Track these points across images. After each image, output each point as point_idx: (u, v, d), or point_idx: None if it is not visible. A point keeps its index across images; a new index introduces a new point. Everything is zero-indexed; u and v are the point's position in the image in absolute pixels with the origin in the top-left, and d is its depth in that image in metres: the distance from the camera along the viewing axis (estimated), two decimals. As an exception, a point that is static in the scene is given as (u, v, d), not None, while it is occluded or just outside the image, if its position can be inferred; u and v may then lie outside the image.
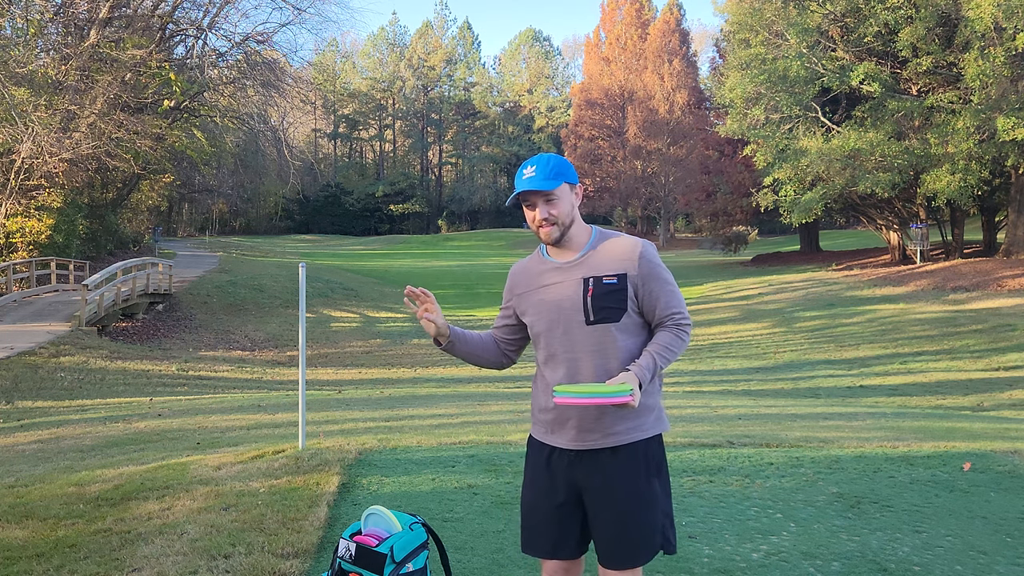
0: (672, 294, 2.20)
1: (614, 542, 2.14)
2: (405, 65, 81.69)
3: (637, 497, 2.13)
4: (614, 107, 58.47)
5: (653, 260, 2.19)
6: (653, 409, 2.20)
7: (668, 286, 2.20)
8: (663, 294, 2.19)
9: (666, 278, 2.20)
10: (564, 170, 2.21)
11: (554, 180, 2.18)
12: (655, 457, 2.19)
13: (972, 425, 7.53)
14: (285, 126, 51.50)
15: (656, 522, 2.15)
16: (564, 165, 2.22)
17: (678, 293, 2.23)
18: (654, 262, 2.19)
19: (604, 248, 2.23)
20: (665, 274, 2.21)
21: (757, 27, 28.70)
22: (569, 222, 2.21)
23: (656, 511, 2.15)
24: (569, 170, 2.24)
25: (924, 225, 30.55)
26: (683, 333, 2.18)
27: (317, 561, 3.27)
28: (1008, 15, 21.53)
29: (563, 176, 2.20)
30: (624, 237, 2.25)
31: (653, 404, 2.20)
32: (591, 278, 2.18)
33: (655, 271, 2.18)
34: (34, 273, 21.54)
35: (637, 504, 2.13)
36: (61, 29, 25.79)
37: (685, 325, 2.19)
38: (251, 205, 67.81)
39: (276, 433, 6.80)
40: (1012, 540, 3.62)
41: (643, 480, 2.15)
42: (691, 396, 11.57)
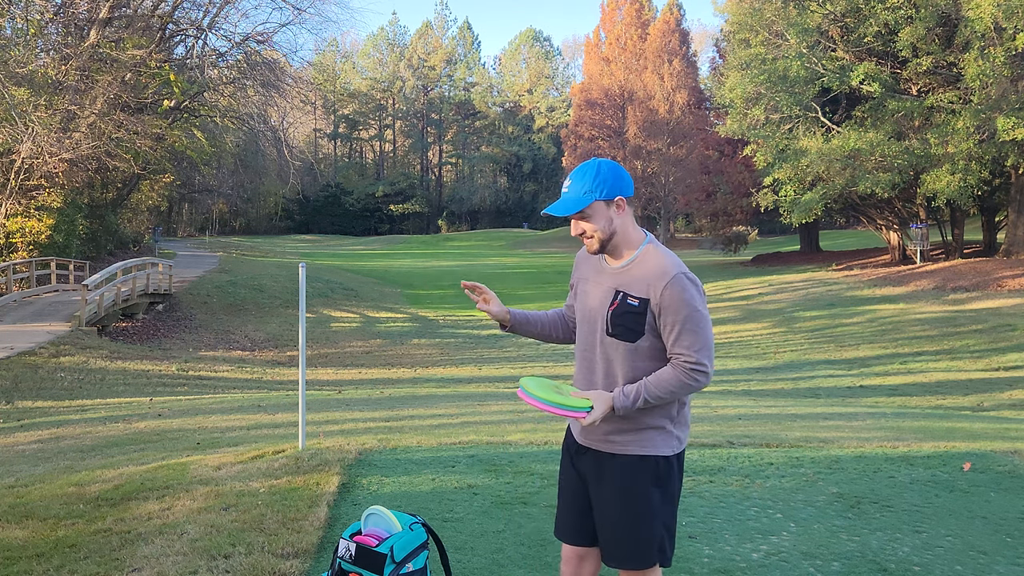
0: (690, 333, 2.09)
1: (609, 543, 2.22)
2: (405, 65, 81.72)
3: (631, 507, 2.16)
4: (614, 107, 58.45)
5: (678, 295, 2.08)
6: (660, 430, 2.19)
7: (688, 324, 2.09)
8: (677, 331, 2.10)
9: (688, 315, 2.08)
10: (598, 186, 2.16)
11: (582, 199, 2.16)
12: (657, 473, 2.17)
13: (972, 425, 7.53)
14: (285, 126, 51.50)
15: (651, 534, 2.16)
16: (600, 181, 2.16)
17: (701, 334, 2.09)
18: (678, 297, 2.08)
19: (643, 264, 2.18)
20: (688, 311, 2.08)
21: (757, 27, 28.70)
22: (608, 235, 2.20)
23: (652, 523, 2.16)
24: (605, 185, 2.16)
25: (924, 225, 30.55)
26: (687, 376, 2.10)
27: (317, 561, 3.27)
28: (1008, 15, 21.53)
29: (594, 194, 2.16)
30: (663, 259, 2.16)
31: (661, 425, 2.18)
32: (620, 293, 2.17)
33: (676, 306, 2.09)
34: (34, 273, 21.54)
35: (630, 514, 2.16)
36: (61, 29, 25.79)
37: (692, 369, 2.09)
38: (251, 205, 67.83)
39: (276, 433, 6.80)
40: (1012, 540, 3.62)
41: (639, 492, 2.16)
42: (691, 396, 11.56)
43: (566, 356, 18.39)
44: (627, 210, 2.21)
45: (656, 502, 2.17)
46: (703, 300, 2.13)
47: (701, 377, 2.11)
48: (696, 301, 2.11)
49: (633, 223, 2.24)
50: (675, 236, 61.50)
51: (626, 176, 2.21)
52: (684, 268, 2.14)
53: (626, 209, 2.21)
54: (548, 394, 2.17)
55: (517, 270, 39.20)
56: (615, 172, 2.19)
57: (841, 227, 55.48)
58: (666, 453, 2.18)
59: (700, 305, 2.11)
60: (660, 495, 2.17)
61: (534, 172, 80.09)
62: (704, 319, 2.11)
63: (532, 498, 4.18)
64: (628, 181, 2.20)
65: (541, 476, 4.59)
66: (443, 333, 22.37)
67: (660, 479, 2.17)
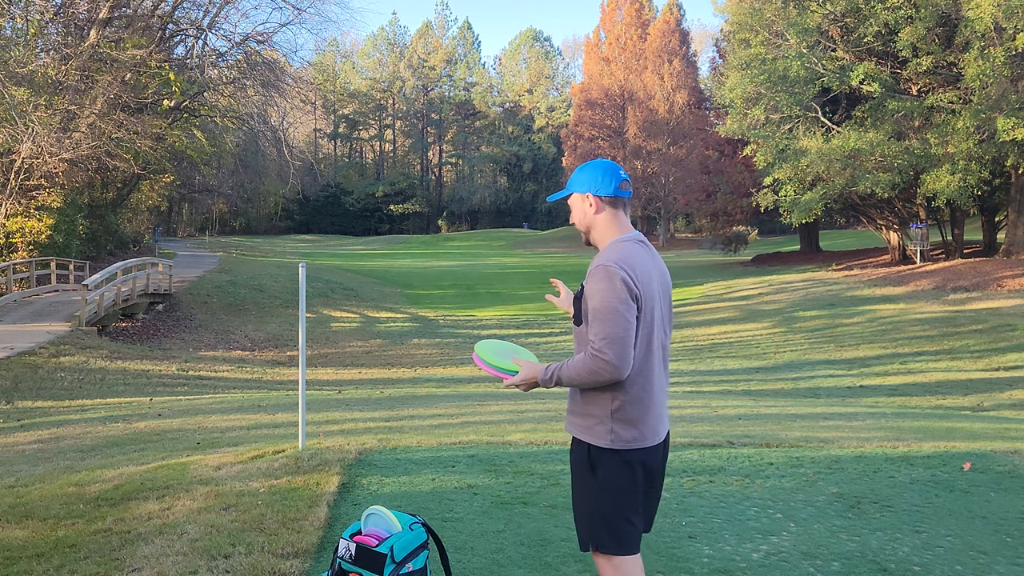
0: (597, 322, 2.19)
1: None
2: (405, 65, 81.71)
3: (576, 486, 2.35)
4: (614, 107, 58.45)
5: (593, 285, 2.22)
6: (593, 418, 2.28)
7: (597, 314, 2.20)
8: (589, 319, 2.23)
9: (596, 306, 2.20)
10: (574, 180, 2.38)
11: (563, 191, 2.42)
12: (589, 459, 2.28)
13: (972, 425, 7.53)
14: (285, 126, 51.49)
15: (584, 517, 2.30)
16: (580, 177, 2.38)
17: (601, 321, 2.18)
18: (593, 287, 2.22)
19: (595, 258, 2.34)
20: (597, 302, 2.20)
21: (757, 27, 28.70)
22: (585, 228, 2.40)
23: (585, 507, 2.30)
24: (579, 180, 2.38)
25: (924, 225, 30.55)
26: (592, 362, 2.18)
27: (317, 561, 3.27)
28: (1008, 15, 21.53)
29: (571, 187, 2.39)
30: (605, 253, 2.29)
31: (599, 414, 2.27)
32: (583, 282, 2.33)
33: (590, 295, 2.22)
34: (34, 273, 21.54)
35: (575, 492, 2.35)
36: (61, 29, 25.78)
37: (593, 356, 2.18)
38: (251, 205, 67.82)
39: (276, 433, 6.80)
40: (1012, 540, 3.62)
41: (579, 474, 2.32)
42: (691, 396, 11.57)
43: (567, 357, 18.39)
44: (601, 208, 2.35)
45: (588, 487, 2.28)
46: (616, 293, 2.18)
47: (603, 366, 2.17)
48: (607, 293, 2.18)
49: (612, 222, 2.35)
50: (675, 236, 61.48)
51: (607, 176, 2.33)
52: (612, 261, 2.22)
53: (599, 207, 2.35)
54: (489, 356, 2.44)
55: (517, 270, 39.20)
56: (595, 171, 2.35)
57: (841, 227, 55.49)
58: (598, 444, 2.26)
59: (611, 297, 2.18)
60: (592, 482, 2.27)
61: (534, 172, 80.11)
62: (610, 311, 2.17)
63: (532, 498, 4.18)
64: (607, 181, 2.33)
65: (541, 476, 4.59)
66: (443, 333, 22.38)
67: (592, 466, 2.28)
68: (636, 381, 2.24)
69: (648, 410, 2.27)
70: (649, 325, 2.26)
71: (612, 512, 2.26)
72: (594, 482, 2.27)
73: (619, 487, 2.26)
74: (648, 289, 2.26)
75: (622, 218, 2.37)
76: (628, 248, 2.29)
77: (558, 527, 3.76)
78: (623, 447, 2.25)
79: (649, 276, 2.28)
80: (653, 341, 2.28)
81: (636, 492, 2.28)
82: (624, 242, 2.31)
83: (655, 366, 2.30)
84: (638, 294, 2.21)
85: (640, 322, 2.23)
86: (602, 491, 2.26)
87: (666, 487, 4.42)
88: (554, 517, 3.90)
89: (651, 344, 2.27)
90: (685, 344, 19.86)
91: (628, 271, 2.21)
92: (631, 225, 2.39)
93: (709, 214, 46.42)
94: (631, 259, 2.25)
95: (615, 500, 2.26)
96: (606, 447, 2.25)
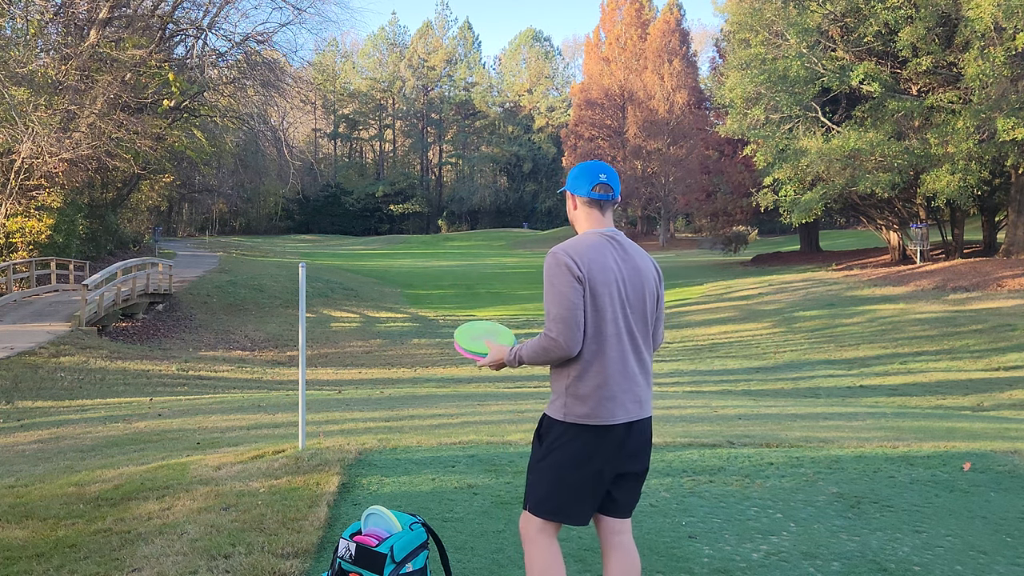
0: (545, 299, 2.41)
1: None
2: (405, 65, 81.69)
3: (532, 452, 2.54)
4: (614, 107, 58.44)
5: (545, 270, 2.42)
6: (556, 393, 2.46)
7: (545, 292, 2.41)
8: (544, 297, 2.43)
9: (545, 289, 2.41)
10: (568, 178, 2.58)
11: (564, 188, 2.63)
12: (542, 430, 2.49)
13: (972, 425, 7.53)
14: (285, 126, 51.47)
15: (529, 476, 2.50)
16: (570, 174, 2.58)
17: (550, 300, 2.37)
18: (545, 271, 2.42)
19: None
20: (546, 284, 2.40)
21: (757, 27, 28.68)
22: (572, 222, 2.62)
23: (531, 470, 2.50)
24: (569, 178, 2.58)
25: (924, 225, 30.55)
26: (542, 339, 2.38)
27: (317, 561, 3.27)
28: (1008, 15, 21.52)
29: (565, 185, 2.61)
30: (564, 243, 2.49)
31: (558, 389, 2.45)
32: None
33: (544, 278, 2.42)
34: (34, 273, 21.54)
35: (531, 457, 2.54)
36: (61, 29, 25.77)
37: (543, 335, 2.38)
38: (251, 205, 67.79)
39: (276, 433, 6.80)
40: (1012, 540, 3.62)
41: (535, 440, 2.53)
42: (691, 396, 11.57)
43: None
44: (577, 206, 2.56)
45: (536, 453, 2.49)
46: (560, 275, 2.36)
47: (551, 343, 2.35)
48: (553, 277, 2.38)
49: (587, 220, 2.53)
50: (675, 236, 61.46)
51: (583, 177, 2.52)
52: (560, 248, 2.41)
53: (576, 205, 2.56)
54: (464, 339, 2.68)
55: (517, 270, 39.20)
56: (576, 171, 2.56)
57: (841, 227, 55.48)
58: (552, 415, 2.45)
59: (554, 278, 2.37)
60: (540, 450, 2.47)
61: (534, 172, 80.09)
62: (555, 293, 2.36)
63: (532, 498, 4.17)
64: (581, 182, 2.52)
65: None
66: (443, 333, 22.37)
67: (541, 435, 2.49)
68: (591, 362, 2.37)
69: (601, 390, 2.38)
70: (602, 310, 2.37)
71: (551, 480, 2.42)
72: (541, 450, 2.47)
73: (561, 459, 2.41)
74: (601, 275, 2.38)
75: (597, 216, 2.52)
76: (587, 239, 2.46)
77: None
78: (573, 421, 2.39)
79: (603, 264, 2.40)
80: (607, 326, 2.38)
81: (580, 468, 2.39)
82: (588, 235, 2.49)
83: (611, 349, 2.39)
84: (581, 276, 2.35)
85: (589, 306, 2.36)
86: (545, 458, 2.44)
87: (666, 487, 4.42)
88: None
89: (604, 329, 2.38)
90: (685, 344, 19.87)
91: (572, 256, 2.38)
92: (609, 222, 2.54)
93: (709, 214, 46.39)
94: (581, 246, 2.42)
95: (556, 470, 2.41)
96: (558, 419, 2.42)
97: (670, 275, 35.77)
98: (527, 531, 2.47)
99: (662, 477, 4.63)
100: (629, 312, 2.45)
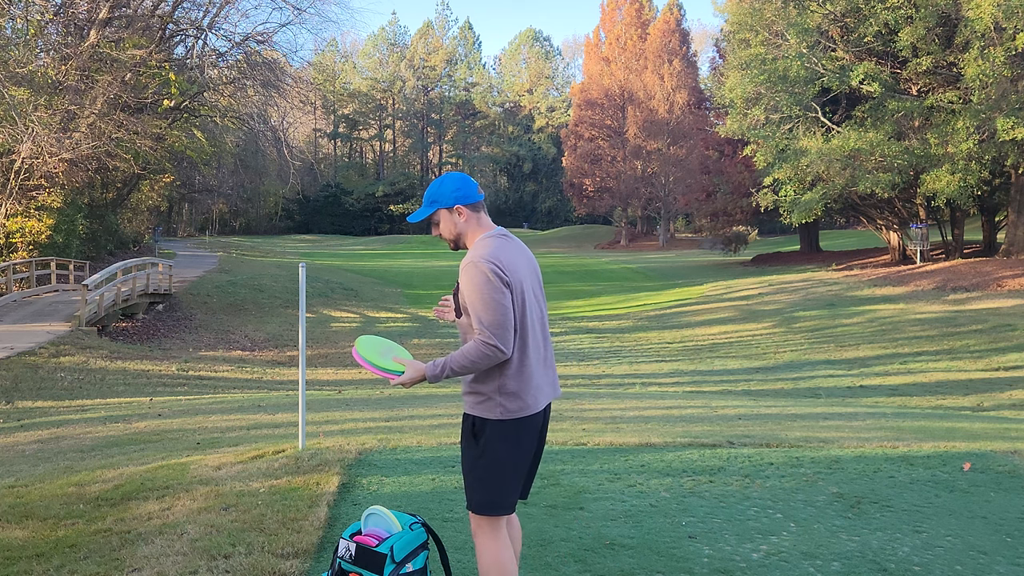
0: (477, 312, 2.44)
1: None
2: (405, 65, 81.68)
3: (463, 454, 2.61)
4: (614, 107, 58.45)
5: (466, 280, 2.46)
6: (481, 395, 2.52)
7: (475, 305, 2.44)
8: (471, 310, 2.47)
9: (473, 299, 2.45)
10: (437, 197, 2.60)
11: (428, 209, 2.63)
12: (475, 431, 2.54)
13: (972, 425, 7.53)
14: (285, 126, 51.47)
15: (469, 481, 2.56)
16: (438, 193, 2.60)
17: (484, 309, 2.43)
18: (466, 282, 2.46)
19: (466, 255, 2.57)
20: (472, 293, 2.45)
21: (757, 27, 28.68)
22: (454, 237, 2.63)
23: (471, 472, 2.55)
24: (442, 196, 2.59)
25: (924, 225, 30.55)
26: (481, 347, 2.42)
27: (317, 561, 3.27)
28: (1008, 15, 21.52)
29: (436, 203, 2.61)
30: (474, 250, 2.53)
31: (484, 391, 2.52)
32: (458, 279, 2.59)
33: (466, 289, 2.47)
34: (34, 273, 21.54)
35: (463, 459, 2.61)
36: (61, 29, 25.76)
37: (483, 343, 2.42)
38: (251, 205, 67.82)
39: (276, 433, 6.80)
40: (1012, 540, 3.62)
41: (466, 443, 2.59)
42: (691, 396, 11.57)
43: (567, 356, 18.39)
44: (468, 214, 2.60)
45: (471, 454, 2.55)
46: (490, 284, 2.43)
47: (491, 350, 2.42)
48: (481, 285, 2.43)
49: (478, 223, 2.61)
50: (675, 236, 61.45)
51: (467, 187, 2.58)
52: (481, 257, 2.46)
53: (467, 214, 2.59)
54: (373, 355, 2.59)
55: (517, 270, 39.11)
56: (455, 184, 2.59)
57: (841, 227, 55.47)
58: (489, 416, 2.51)
59: (484, 288, 2.43)
60: (476, 450, 2.53)
61: (534, 172, 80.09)
62: (485, 301, 2.42)
63: (532, 498, 4.18)
64: (467, 191, 2.58)
65: (541, 476, 4.59)
66: (443, 333, 22.37)
67: (476, 436, 2.54)
68: (520, 359, 2.50)
69: (529, 381, 2.52)
70: (522, 305, 2.50)
71: (492, 477, 2.52)
72: (477, 450, 2.53)
73: (501, 455, 2.51)
74: (517, 275, 2.50)
75: (484, 218, 2.63)
76: (494, 242, 2.54)
77: (558, 527, 3.76)
78: (510, 417, 2.50)
79: (516, 263, 2.52)
80: (527, 317, 2.52)
81: (519, 458, 2.54)
82: (489, 238, 2.57)
83: (531, 341, 2.53)
84: (508, 280, 2.45)
85: (514, 304, 2.47)
86: (485, 458, 2.52)
87: (666, 487, 4.42)
88: (554, 517, 3.90)
89: (526, 321, 2.51)
90: (685, 344, 19.87)
91: (496, 263, 2.45)
92: (491, 223, 2.64)
93: (709, 214, 46.36)
94: (497, 251, 2.50)
95: (496, 467, 2.51)
96: (495, 419, 2.50)
97: (670, 275, 35.78)
98: (480, 527, 2.55)
99: (662, 477, 4.63)
100: (537, 303, 2.61)
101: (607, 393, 11.65)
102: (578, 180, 59.52)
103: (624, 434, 6.06)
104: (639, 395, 11.38)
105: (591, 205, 60.37)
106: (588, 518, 3.89)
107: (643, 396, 11.04)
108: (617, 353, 18.77)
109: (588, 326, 23.51)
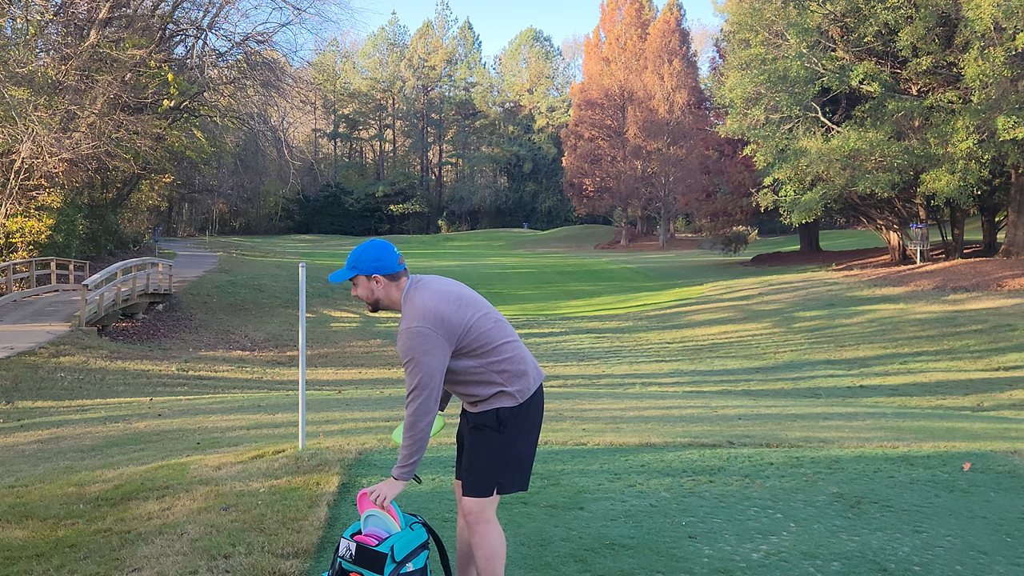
0: (408, 375, 2.57)
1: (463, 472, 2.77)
2: (405, 65, 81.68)
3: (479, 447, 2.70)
4: (614, 107, 58.44)
5: (401, 346, 2.58)
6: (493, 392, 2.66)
7: (406, 366, 2.57)
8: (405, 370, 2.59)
9: (405, 363, 2.57)
10: (358, 264, 2.70)
11: (347, 273, 2.73)
12: (500, 421, 2.66)
13: (972, 425, 7.53)
14: (285, 126, 51.48)
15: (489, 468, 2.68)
16: (360, 259, 2.70)
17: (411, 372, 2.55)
18: (401, 347, 2.58)
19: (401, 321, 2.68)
20: (404, 358, 2.56)
21: (757, 27, 28.68)
22: (373, 300, 2.75)
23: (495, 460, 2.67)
24: (363, 263, 2.69)
25: (924, 225, 30.55)
26: (410, 413, 2.56)
27: (317, 561, 3.27)
28: (1008, 15, 21.53)
29: (356, 269, 2.70)
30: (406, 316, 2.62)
31: (484, 394, 2.67)
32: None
33: (402, 354, 2.58)
34: (34, 273, 21.53)
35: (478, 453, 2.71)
36: (61, 29, 25.76)
37: (409, 403, 2.56)
38: (251, 205, 67.83)
39: (276, 433, 6.80)
40: (1012, 540, 3.62)
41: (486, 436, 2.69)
42: (691, 396, 11.57)
43: (566, 356, 18.40)
44: (385, 283, 2.70)
45: (495, 444, 2.68)
46: (425, 346, 2.54)
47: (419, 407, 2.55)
48: (414, 351, 2.54)
49: (395, 289, 2.71)
50: (675, 236, 61.45)
51: (386, 257, 2.68)
52: (414, 323, 2.57)
53: (383, 282, 2.70)
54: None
55: (517, 270, 39.20)
56: (376, 254, 2.68)
57: (841, 227, 55.47)
58: (508, 405, 2.67)
59: (417, 353, 2.54)
60: (501, 439, 2.67)
61: (534, 172, 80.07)
62: (417, 363, 2.54)
63: (532, 498, 4.18)
64: (387, 262, 2.68)
65: (541, 476, 4.59)
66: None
67: (501, 425, 2.67)
68: (504, 347, 2.67)
69: (525, 361, 2.73)
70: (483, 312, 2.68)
71: (514, 458, 2.70)
72: (502, 438, 2.66)
73: (526, 432, 2.71)
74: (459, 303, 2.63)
75: (402, 283, 2.71)
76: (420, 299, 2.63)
77: (558, 527, 3.76)
78: (526, 398, 2.69)
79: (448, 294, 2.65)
80: (491, 316, 2.70)
81: (533, 434, 2.74)
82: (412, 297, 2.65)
83: (509, 332, 2.74)
84: (453, 323, 2.59)
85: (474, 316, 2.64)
86: (513, 441, 2.67)
87: (666, 487, 4.42)
88: (554, 517, 3.90)
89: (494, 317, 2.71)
90: (685, 344, 19.87)
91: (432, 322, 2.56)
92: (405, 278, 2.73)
93: (709, 214, 46.38)
94: (429, 306, 2.60)
95: (519, 448, 2.70)
96: (515, 406, 2.66)
97: (670, 275, 35.78)
98: (484, 514, 2.67)
99: (662, 477, 4.63)
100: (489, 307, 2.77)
101: (607, 393, 11.66)
102: (578, 180, 59.52)
103: (624, 434, 6.07)
104: (639, 395, 11.39)
105: (591, 205, 60.37)
106: (588, 518, 3.89)
107: (643, 396, 11.05)
108: (617, 353, 18.77)
109: (588, 326, 23.52)
